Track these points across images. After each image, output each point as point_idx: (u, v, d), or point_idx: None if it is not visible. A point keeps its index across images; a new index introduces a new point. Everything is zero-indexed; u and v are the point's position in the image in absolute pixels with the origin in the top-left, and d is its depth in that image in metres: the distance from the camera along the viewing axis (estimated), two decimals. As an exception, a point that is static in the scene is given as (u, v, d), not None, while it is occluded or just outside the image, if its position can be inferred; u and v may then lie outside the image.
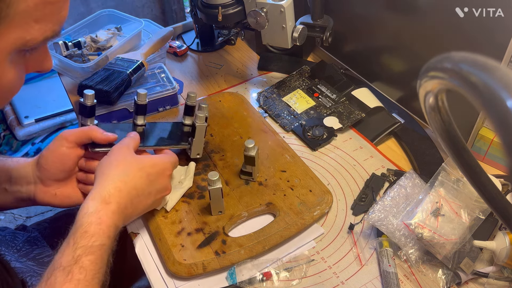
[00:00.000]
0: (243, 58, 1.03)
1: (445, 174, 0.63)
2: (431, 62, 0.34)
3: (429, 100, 0.39)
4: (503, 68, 0.28)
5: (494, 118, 0.26)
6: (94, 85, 0.77)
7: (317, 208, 0.65)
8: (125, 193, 0.55)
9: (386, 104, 0.84)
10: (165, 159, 0.62)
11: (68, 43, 0.92)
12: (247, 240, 0.61)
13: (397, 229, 0.60)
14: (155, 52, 0.93)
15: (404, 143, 0.77)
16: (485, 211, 0.59)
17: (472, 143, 0.72)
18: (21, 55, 0.44)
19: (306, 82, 0.91)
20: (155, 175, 0.59)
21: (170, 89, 0.84)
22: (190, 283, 0.59)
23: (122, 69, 0.82)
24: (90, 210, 0.52)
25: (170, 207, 0.65)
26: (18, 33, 0.40)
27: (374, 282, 0.58)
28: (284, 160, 0.73)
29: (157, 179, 0.60)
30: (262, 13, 0.77)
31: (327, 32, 0.81)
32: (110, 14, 1.01)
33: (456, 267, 0.57)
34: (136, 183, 0.57)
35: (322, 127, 0.80)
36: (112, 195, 0.54)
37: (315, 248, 0.63)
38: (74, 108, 0.92)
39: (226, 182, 0.70)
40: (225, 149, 0.76)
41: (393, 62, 0.84)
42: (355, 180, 0.72)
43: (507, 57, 0.60)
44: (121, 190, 0.55)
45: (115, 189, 0.54)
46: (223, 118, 0.82)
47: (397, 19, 0.77)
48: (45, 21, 0.41)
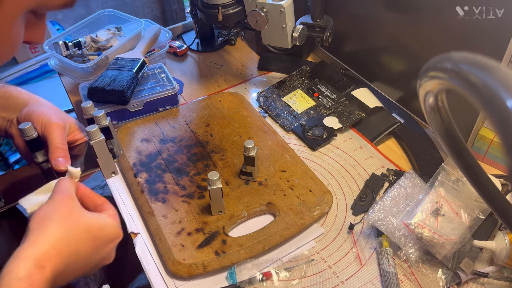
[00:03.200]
0: (243, 58, 1.03)
1: (445, 174, 0.63)
2: (431, 62, 0.34)
3: (429, 100, 0.39)
4: (503, 68, 0.28)
5: (494, 118, 0.26)
6: (105, 87, 0.78)
7: (317, 208, 0.65)
8: (64, 258, 0.45)
9: (386, 104, 0.84)
10: (115, 223, 0.52)
11: (68, 43, 0.92)
12: (247, 240, 0.61)
13: (397, 229, 0.60)
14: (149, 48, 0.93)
15: (404, 143, 0.77)
16: (485, 211, 0.59)
17: (472, 143, 0.72)
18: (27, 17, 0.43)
19: (306, 82, 0.91)
20: (102, 241, 0.50)
21: (170, 89, 0.84)
22: (190, 283, 0.59)
23: (127, 68, 0.82)
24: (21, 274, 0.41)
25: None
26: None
27: (374, 282, 0.58)
28: (284, 160, 0.73)
29: (103, 246, 0.50)
30: (262, 13, 0.77)
31: (327, 32, 0.81)
32: (110, 14, 1.01)
33: (456, 267, 0.57)
34: (79, 248, 0.47)
35: (322, 127, 0.80)
36: (48, 258, 0.44)
37: (315, 248, 0.63)
38: (74, 108, 0.92)
39: (226, 182, 0.70)
40: (225, 149, 0.76)
41: (393, 62, 0.84)
42: (355, 180, 0.72)
43: (507, 57, 0.60)
44: (60, 254, 0.45)
45: (54, 251, 0.44)
46: (223, 118, 0.82)
47: (397, 19, 0.77)
48: None
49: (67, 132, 0.65)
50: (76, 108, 0.91)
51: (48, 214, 0.47)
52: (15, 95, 0.67)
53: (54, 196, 0.50)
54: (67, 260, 0.45)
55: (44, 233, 0.45)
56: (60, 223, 0.46)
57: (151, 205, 0.66)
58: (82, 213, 0.49)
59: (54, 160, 0.59)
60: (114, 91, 0.77)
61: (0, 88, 0.67)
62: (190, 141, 0.78)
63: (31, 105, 0.65)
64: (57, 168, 0.59)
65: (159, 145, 0.77)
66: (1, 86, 0.67)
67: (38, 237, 0.45)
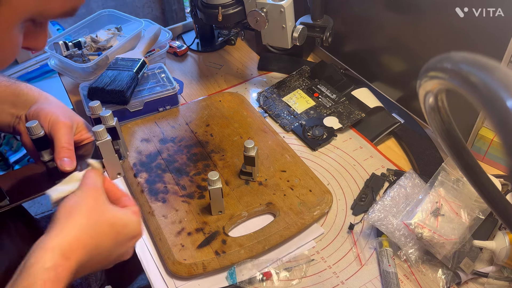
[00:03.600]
0: (243, 58, 1.03)
1: (445, 174, 0.63)
2: (431, 62, 0.34)
3: (429, 100, 0.39)
4: (503, 68, 0.28)
5: (494, 118, 0.26)
6: (105, 87, 0.78)
7: (317, 208, 0.65)
8: (88, 250, 0.45)
9: (386, 104, 0.84)
10: (138, 220, 0.52)
11: (68, 43, 0.92)
12: (247, 240, 0.61)
13: (397, 229, 0.60)
14: (149, 48, 0.93)
15: (404, 143, 0.77)
16: (485, 211, 0.59)
17: (472, 143, 0.72)
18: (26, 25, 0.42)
19: (306, 82, 0.91)
20: (124, 237, 0.50)
21: (170, 89, 0.84)
22: (190, 283, 0.59)
23: (127, 68, 0.82)
24: (47, 265, 0.41)
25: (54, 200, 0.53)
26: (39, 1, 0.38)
27: (374, 282, 0.58)
28: (284, 160, 0.73)
29: (124, 242, 0.50)
30: (262, 13, 0.77)
31: (327, 32, 0.81)
32: (110, 14, 1.01)
33: (456, 267, 0.57)
34: (102, 242, 0.47)
35: (322, 127, 0.80)
36: (74, 250, 0.44)
37: (315, 248, 0.63)
38: (74, 108, 0.92)
39: (226, 182, 0.70)
40: (225, 149, 0.76)
41: (393, 62, 0.84)
42: (355, 180, 0.72)
43: (507, 57, 0.60)
44: (84, 246, 0.45)
45: (79, 242, 0.44)
46: (223, 118, 0.82)
47: (397, 19, 0.77)
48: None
49: (74, 132, 0.64)
50: (76, 108, 0.91)
51: (76, 205, 0.47)
52: (25, 92, 0.67)
53: (83, 187, 0.49)
54: (89, 252, 0.45)
55: (70, 224, 0.45)
56: (87, 215, 0.46)
57: (151, 205, 0.66)
58: (108, 207, 0.49)
59: (59, 160, 0.59)
60: (114, 91, 0.78)
61: (11, 84, 0.67)
62: (190, 141, 0.78)
63: (40, 103, 0.64)
64: (62, 168, 0.58)
65: (159, 145, 0.77)
66: (12, 83, 0.67)
67: (64, 227, 0.45)
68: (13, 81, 0.67)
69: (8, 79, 0.67)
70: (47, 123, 0.61)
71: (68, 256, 0.43)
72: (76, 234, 0.44)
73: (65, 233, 0.44)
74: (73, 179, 0.52)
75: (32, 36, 0.44)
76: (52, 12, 0.40)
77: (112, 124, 0.62)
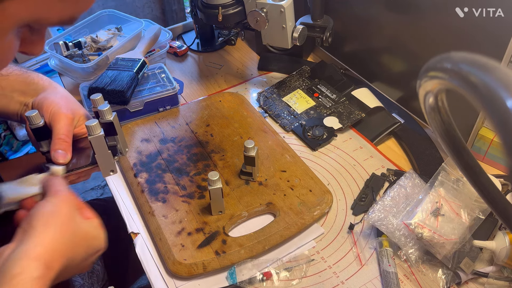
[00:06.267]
0: (243, 58, 1.03)
1: (445, 174, 0.63)
2: (431, 62, 0.34)
3: (429, 100, 0.39)
4: (503, 68, 0.28)
5: (494, 118, 0.26)
6: (106, 87, 0.78)
7: (317, 208, 0.65)
8: (65, 260, 0.45)
9: (386, 104, 0.84)
10: (104, 235, 0.52)
11: (69, 43, 0.92)
12: (247, 240, 0.61)
13: (397, 229, 0.60)
14: (150, 49, 0.93)
15: (404, 143, 0.77)
16: (485, 211, 0.59)
17: (472, 143, 0.72)
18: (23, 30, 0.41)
19: (306, 82, 0.91)
20: (93, 250, 0.50)
21: (170, 89, 0.84)
22: (190, 283, 0.59)
23: (127, 68, 0.82)
24: (35, 274, 0.41)
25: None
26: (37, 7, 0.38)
27: (374, 282, 0.58)
28: (284, 160, 0.73)
29: (92, 254, 0.50)
30: (262, 13, 0.77)
31: (327, 32, 0.81)
32: (110, 14, 1.01)
33: (456, 267, 0.57)
34: (76, 253, 0.48)
35: (322, 127, 0.80)
36: (55, 259, 0.44)
37: (315, 248, 0.63)
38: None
39: (226, 182, 0.70)
40: (225, 149, 0.76)
41: (393, 62, 0.84)
42: (355, 180, 0.72)
43: (507, 57, 0.60)
44: (63, 256, 0.45)
45: (59, 253, 0.45)
46: (223, 118, 0.82)
47: (397, 19, 0.77)
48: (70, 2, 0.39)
49: (76, 124, 0.63)
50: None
51: (52, 214, 0.46)
52: (36, 81, 0.67)
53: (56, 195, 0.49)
54: (66, 262, 0.46)
55: (49, 234, 0.45)
56: (65, 225, 0.46)
57: (151, 205, 0.66)
58: (80, 218, 0.49)
59: (53, 151, 0.58)
60: (114, 91, 0.78)
61: (23, 73, 0.66)
62: (190, 141, 0.78)
63: (47, 92, 0.63)
64: (55, 160, 0.57)
65: (159, 145, 0.77)
66: (24, 72, 0.67)
67: (45, 237, 0.44)
68: (24, 70, 0.67)
69: (19, 68, 0.67)
70: (48, 113, 0.60)
71: (51, 266, 0.43)
72: (55, 245, 0.44)
73: (46, 243, 0.44)
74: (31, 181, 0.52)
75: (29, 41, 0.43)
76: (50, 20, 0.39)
77: (109, 118, 0.61)
